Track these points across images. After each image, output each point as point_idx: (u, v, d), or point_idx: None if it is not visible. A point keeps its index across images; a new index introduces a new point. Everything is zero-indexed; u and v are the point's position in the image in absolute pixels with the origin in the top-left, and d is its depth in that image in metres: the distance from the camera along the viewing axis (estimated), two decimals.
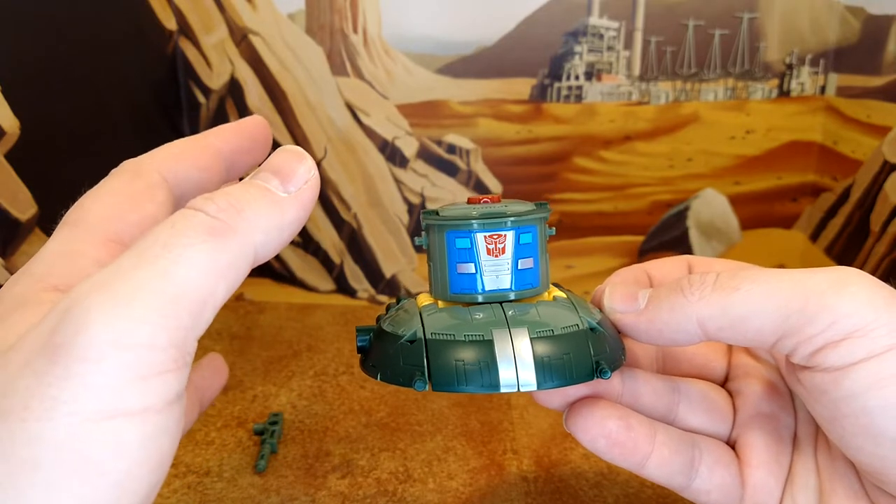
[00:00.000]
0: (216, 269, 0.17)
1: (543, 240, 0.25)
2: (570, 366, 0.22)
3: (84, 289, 0.16)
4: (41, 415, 0.14)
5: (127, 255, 0.17)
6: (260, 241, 0.18)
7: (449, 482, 0.37)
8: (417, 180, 0.59)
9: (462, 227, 0.24)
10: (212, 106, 0.57)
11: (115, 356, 0.15)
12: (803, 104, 0.57)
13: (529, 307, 0.24)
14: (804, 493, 0.24)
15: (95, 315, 0.15)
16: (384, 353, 0.24)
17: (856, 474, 0.24)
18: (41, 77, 0.40)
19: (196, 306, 0.16)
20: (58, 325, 0.15)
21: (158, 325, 0.15)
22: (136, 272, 0.16)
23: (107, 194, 0.21)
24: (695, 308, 0.22)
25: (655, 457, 0.25)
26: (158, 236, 0.17)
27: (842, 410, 0.21)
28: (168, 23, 0.54)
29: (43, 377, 0.15)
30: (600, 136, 0.58)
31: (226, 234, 0.17)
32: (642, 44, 0.56)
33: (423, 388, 0.22)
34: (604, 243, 0.61)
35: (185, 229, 0.17)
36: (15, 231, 0.38)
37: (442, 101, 0.57)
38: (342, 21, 0.56)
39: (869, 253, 0.53)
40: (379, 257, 0.61)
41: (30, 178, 0.38)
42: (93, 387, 0.14)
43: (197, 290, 0.16)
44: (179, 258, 0.16)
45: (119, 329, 0.15)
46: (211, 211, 0.18)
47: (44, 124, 0.40)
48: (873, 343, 0.20)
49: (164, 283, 0.16)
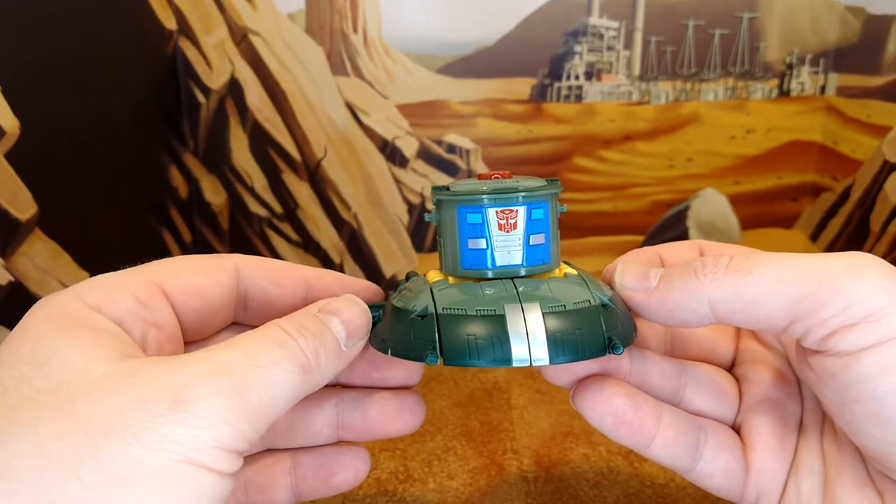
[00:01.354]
0: (295, 398, 0.21)
1: (555, 216, 0.25)
2: (582, 341, 0.22)
3: (213, 366, 0.19)
4: (148, 444, 0.17)
5: (240, 347, 0.20)
6: (319, 382, 0.22)
7: (449, 482, 0.37)
8: (417, 180, 0.59)
9: (473, 201, 0.24)
10: (212, 106, 0.57)
11: (221, 427, 0.18)
12: (803, 104, 0.57)
13: (541, 283, 0.23)
14: (809, 479, 0.24)
15: (221, 394, 0.18)
16: (394, 328, 0.23)
17: (862, 461, 0.24)
18: (41, 77, 0.40)
19: (272, 420, 0.20)
20: (188, 383, 0.18)
21: (250, 421, 0.19)
22: (249, 372, 0.19)
23: (180, 258, 0.25)
24: (707, 289, 0.22)
25: (661, 437, 0.25)
26: (267, 347, 0.20)
27: (851, 395, 0.21)
28: (168, 23, 0.54)
29: (159, 417, 0.17)
30: (600, 135, 0.58)
31: (309, 373, 0.21)
32: (642, 44, 0.56)
33: (434, 361, 0.22)
34: (604, 243, 0.61)
35: (289, 354, 0.21)
36: (15, 231, 0.38)
37: (442, 101, 0.57)
38: (342, 21, 0.56)
39: (869, 253, 0.53)
40: (379, 257, 0.61)
41: (30, 178, 0.38)
42: (196, 439, 0.18)
43: (278, 410, 0.20)
44: (278, 380, 0.20)
45: (231, 412, 0.18)
46: (304, 347, 0.21)
47: (44, 124, 0.40)
48: (886, 328, 0.20)
49: (264, 392, 0.19)
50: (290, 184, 0.59)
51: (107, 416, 0.17)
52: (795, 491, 0.24)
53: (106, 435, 0.17)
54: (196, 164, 0.58)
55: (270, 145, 0.58)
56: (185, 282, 0.24)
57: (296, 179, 0.59)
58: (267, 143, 0.58)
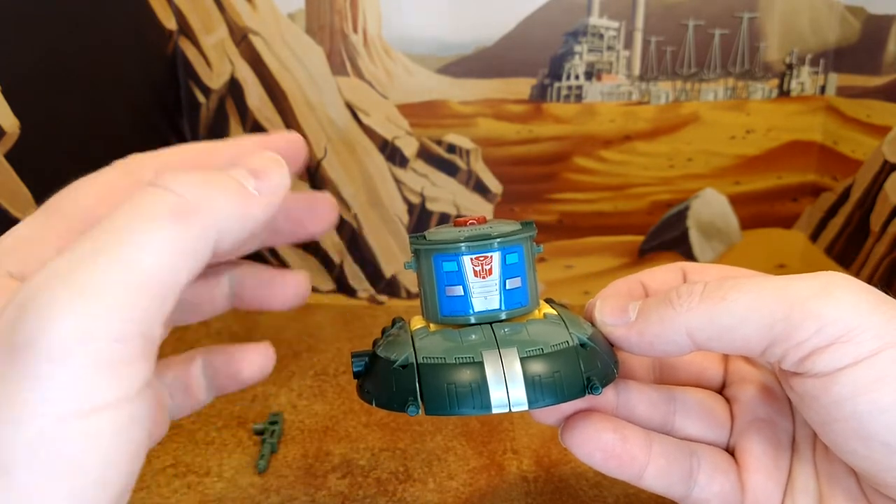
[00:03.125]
0: (180, 252, 0.16)
1: (531, 258, 0.25)
2: (560, 383, 0.22)
3: (43, 280, 0.15)
4: (10, 418, 0.14)
5: (87, 238, 0.16)
6: (223, 228, 0.18)
7: (449, 482, 0.37)
8: (417, 180, 0.59)
9: (449, 250, 0.24)
10: (212, 106, 0.57)
11: (82, 352, 0.14)
12: (803, 104, 0.57)
13: (520, 326, 0.24)
14: (804, 497, 0.24)
15: (58, 310, 0.14)
16: (378, 378, 0.24)
17: (854, 478, 0.24)
18: (41, 77, 0.40)
19: (160, 292, 0.16)
20: (17, 322, 0.14)
21: (124, 317, 0.15)
22: (98, 260, 0.15)
23: (91, 185, 0.21)
24: (683, 319, 0.23)
25: (652, 467, 0.25)
26: (120, 219, 0.16)
27: (833, 415, 0.21)
28: (168, 23, 0.54)
29: (8, 380, 0.14)
30: (600, 135, 0.58)
31: (189, 214, 0.17)
32: (642, 44, 0.56)
33: (416, 412, 0.22)
34: (604, 243, 0.61)
35: (149, 211, 0.16)
36: None
37: (442, 101, 0.57)
38: (342, 21, 0.56)
39: (869, 253, 0.53)
40: (379, 257, 0.61)
41: (30, 178, 0.38)
42: (62, 385, 0.14)
43: (161, 276, 0.16)
44: (143, 244, 0.16)
45: (84, 324, 0.14)
46: (175, 187, 0.17)
47: (44, 124, 0.40)
48: (859, 347, 0.20)
49: (127, 272, 0.15)
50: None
51: None
52: None
53: None
54: None
55: None
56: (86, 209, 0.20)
57: (296, 179, 0.59)
58: None
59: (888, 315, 0.21)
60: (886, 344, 0.20)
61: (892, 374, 0.20)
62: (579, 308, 0.27)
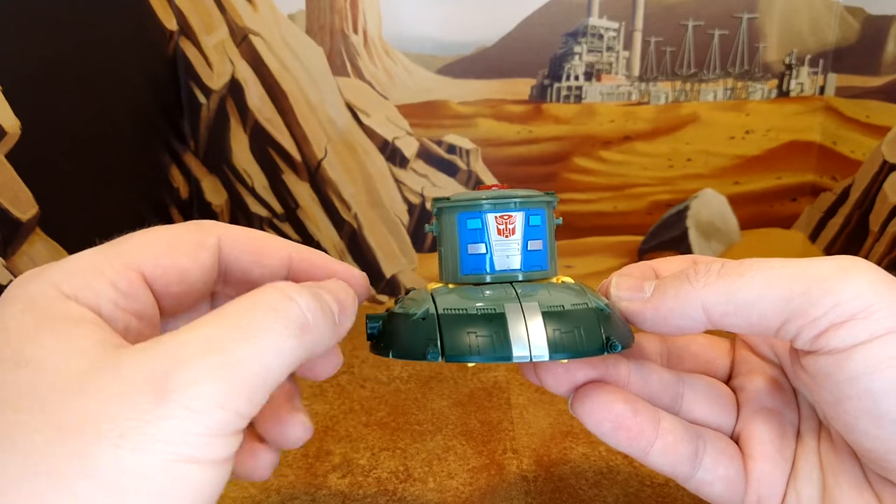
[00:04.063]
0: (293, 361, 0.19)
1: (552, 226, 0.25)
2: (581, 338, 0.22)
3: (199, 346, 0.18)
4: (136, 446, 0.16)
5: (231, 318, 0.19)
6: (316, 346, 0.20)
7: (449, 481, 0.37)
8: (417, 180, 0.59)
9: (473, 207, 0.24)
10: (212, 106, 0.57)
11: (214, 413, 0.17)
12: (802, 104, 0.57)
13: (539, 287, 0.24)
14: (808, 486, 0.25)
15: (210, 376, 0.17)
16: (396, 331, 0.24)
17: (859, 466, 0.24)
18: (41, 77, 0.40)
19: (270, 386, 0.19)
20: (172, 370, 0.17)
21: (246, 399, 0.18)
22: (241, 346, 0.18)
23: (162, 234, 0.23)
24: (700, 294, 0.23)
25: (659, 443, 0.25)
26: (260, 315, 0.19)
27: (845, 393, 0.21)
28: (168, 23, 0.54)
29: (145, 414, 0.16)
30: (600, 136, 0.58)
31: (307, 332, 0.20)
32: (642, 44, 0.56)
33: (436, 358, 0.22)
34: (603, 243, 0.61)
35: (284, 319, 0.19)
36: (16, 231, 0.38)
37: (442, 102, 0.57)
38: (342, 21, 0.56)
39: (868, 253, 0.53)
40: (379, 257, 0.61)
41: (30, 178, 0.38)
42: (187, 433, 0.17)
43: (276, 375, 0.19)
44: (276, 347, 0.19)
45: (222, 392, 0.17)
46: (304, 306, 0.20)
47: (44, 124, 0.40)
48: (876, 324, 0.20)
49: (259, 364, 0.18)
50: (291, 184, 0.59)
51: (93, 418, 0.16)
52: (795, 498, 0.25)
53: (94, 440, 0.16)
54: (197, 164, 0.58)
55: (271, 145, 0.58)
56: (166, 266, 0.23)
57: (296, 179, 0.59)
58: (267, 144, 0.58)
59: None
60: None
61: None
62: None
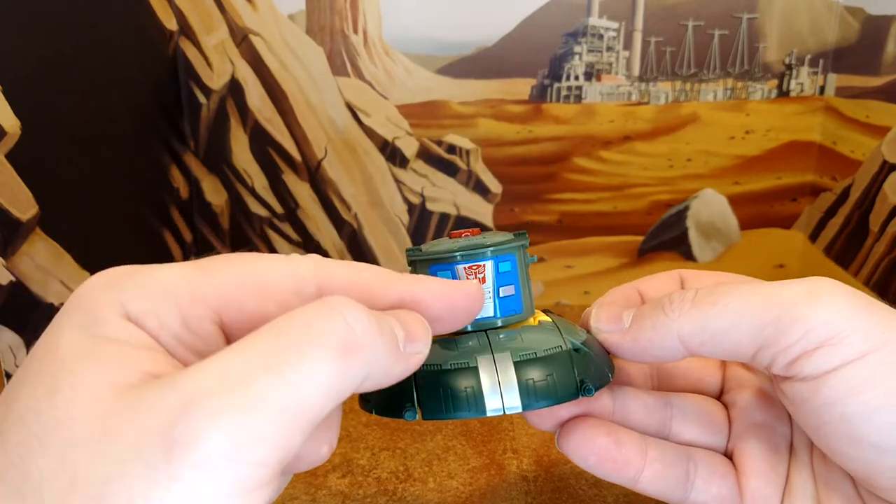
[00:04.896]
0: (336, 389, 0.16)
1: (524, 267, 0.26)
2: (554, 386, 0.22)
3: (212, 383, 0.15)
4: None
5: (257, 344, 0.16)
6: (371, 373, 0.17)
7: (449, 481, 0.37)
8: (417, 180, 0.59)
9: (444, 260, 0.25)
10: (212, 106, 0.57)
11: (227, 469, 0.15)
12: (802, 104, 0.57)
13: (514, 333, 0.24)
14: (802, 501, 0.24)
15: (216, 423, 0.15)
16: None
17: (851, 481, 0.24)
18: (41, 77, 0.40)
19: (307, 423, 0.16)
20: (179, 418, 0.15)
21: (271, 443, 0.15)
22: (263, 378, 0.15)
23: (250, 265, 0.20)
24: (675, 325, 0.23)
25: (648, 471, 0.25)
26: (293, 332, 0.16)
27: (823, 418, 0.21)
28: (168, 23, 0.54)
29: (153, 470, 0.14)
30: (600, 136, 0.58)
31: (354, 351, 0.16)
32: (642, 44, 0.56)
33: (413, 417, 0.22)
34: (603, 243, 0.61)
35: (320, 336, 0.16)
36: (16, 231, 0.38)
37: (442, 102, 0.57)
38: (342, 22, 0.56)
39: (868, 253, 0.53)
40: (379, 257, 0.61)
41: (30, 179, 0.38)
42: (198, 496, 0.14)
43: (314, 409, 0.16)
44: (309, 373, 0.16)
45: (236, 442, 0.15)
46: (348, 316, 0.17)
47: (44, 124, 0.40)
48: (847, 349, 0.20)
49: (287, 397, 0.15)
50: (291, 184, 0.59)
51: (104, 474, 0.15)
52: None
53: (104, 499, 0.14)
54: (197, 164, 0.58)
55: (271, 145, 0.58)
56: (250, 312, 0.19)
57: (296, 180, 0.59)
58: (267, 144, 0.58)
59: (875, 318, 0.21)
60: (874, 346, 0.20)
61: (880, 376, 0.20)
62: (580, 308, 0.27)
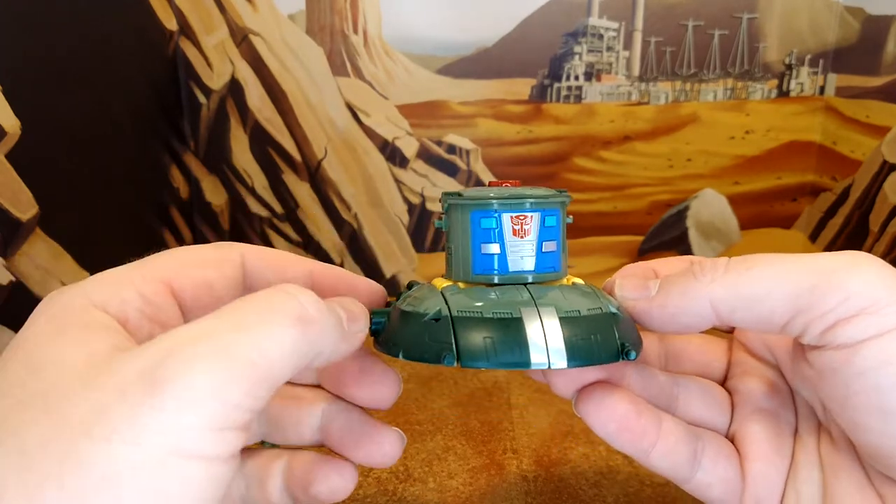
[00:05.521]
0: (295, 352, 0.19)
1: (564, 226, 0.25)
2: (598, 346, 0.22)
3: (190, 335, 0.17)
4: (128, 438, 0.16)
5: (226, 312, 0.18)
6: (323, 346, 0.20)
7: (449, 481, 0.37)
8: (417, 180, 0.59)
9: (487, 206, 0.24)
10: (212, 106, 0.57)
11: (207, 405, 0.16)
12: (802, 104, 0.57)
13: (552, 290, 0.23)
14: (808, 486, 0.24)
15: (199, 366, 0.17)
16: (407, 331, 0.23)
17: (860, 466, 0.24)
18: (42, 77, 0.40)
19: (273, 379, 0.18)
20: (164, 361, 0.17)
21: (244, 390, 0.17)
22: (235, 336, 0.18)
23: (186, 252, 0.24)
24: (707, 290, 0.22)
25: (661, 445, 0.25)
26: (259, 305, 0.19)
27: (853, 388, 0.21)
28: (168, 23, 0.54)
29: (137, 405, 0.16)
30: (600, 136, 0.58)
31: (308, 323, 0.19)
32: (642, 44, 0.56)
33: (451, 363, 0.21)
34: (603, 243, 0.61)
35: (281, 310, 0.19)
36: (16, 231, 0.38)
37: (442, 102, 0.57)
38: (342, 22, 0.56)
39: (868, 253, 0.53)
40: (379, 257, 0.61)
41: (31, 178, 0.38)
42: (182, 426, 0.16)
43: (278, 366, 0.18)
44: (274, 336, 0.18)
45: (216, 384, 0.17)
46: (301, 298, 0.19)
47: (45, 124, 0.40)
48: (885, 319, 0.20)
49: (257, 354, 0.18)
50: (291, 184, 0.59)
51: (87, 413, 0.16)
52: (795, 498, 0.25)
53: (86, 433, 0.16)
54: (197, 164, 0.58)
55: (271, 145, 0.58)
56: (192, 278, 0.23)
57: (296, 180, 0.59)
58: (267, 144, 0.58)
59: None
60: None
61: None
62: None
